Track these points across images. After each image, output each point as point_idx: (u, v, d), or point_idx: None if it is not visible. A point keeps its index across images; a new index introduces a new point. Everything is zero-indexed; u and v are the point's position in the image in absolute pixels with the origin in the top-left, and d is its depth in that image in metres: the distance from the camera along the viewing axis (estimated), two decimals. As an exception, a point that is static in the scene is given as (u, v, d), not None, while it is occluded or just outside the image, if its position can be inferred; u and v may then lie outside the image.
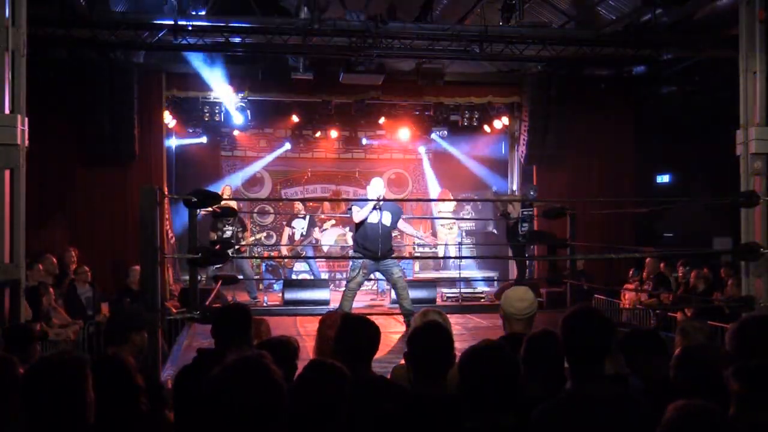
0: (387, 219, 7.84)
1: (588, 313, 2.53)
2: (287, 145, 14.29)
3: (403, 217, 8.35)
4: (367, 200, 8.05)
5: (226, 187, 11.84)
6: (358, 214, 7.86)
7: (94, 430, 2.20)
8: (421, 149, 14.85)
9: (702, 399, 2.41)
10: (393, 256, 8.29)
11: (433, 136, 13.55)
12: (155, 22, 9.07)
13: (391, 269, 7.89)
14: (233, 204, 9.20)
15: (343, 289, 8.19)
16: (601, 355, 2.45)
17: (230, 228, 10.63)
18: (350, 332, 3.12)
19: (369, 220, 7.80)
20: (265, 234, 13.79)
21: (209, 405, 1.84)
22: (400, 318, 7.99)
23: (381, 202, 7.79)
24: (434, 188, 14.66)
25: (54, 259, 8.29)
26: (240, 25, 9.23)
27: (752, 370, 1.98)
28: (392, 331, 8.09)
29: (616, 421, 2.30)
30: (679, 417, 1.70)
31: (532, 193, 9.54)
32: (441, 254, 12.88)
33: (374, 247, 7.69)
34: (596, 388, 2.39)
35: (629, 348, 3.34)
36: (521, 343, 3.02)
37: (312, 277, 11.56)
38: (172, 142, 12.38)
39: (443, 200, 12.76)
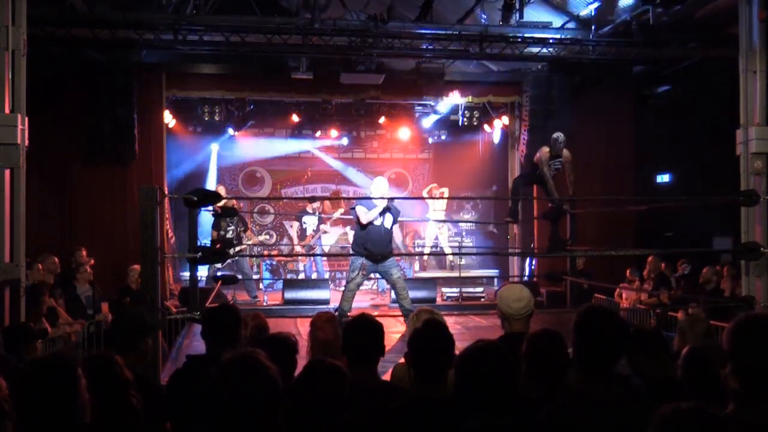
0: (388, 221, 7.81)
1: (603, 314, 2.50)
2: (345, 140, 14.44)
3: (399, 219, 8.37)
4: (368, 198, 7.99)
5: (220, 186, 11.85)
6: (366, 215, 7.69)
7: (87, 428, 2.20)
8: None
9: (707, 399, 2.41)
10: (392, 255, 8.17)
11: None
12: (155, 21, 9.07)
13: (390, 270, 7.87)
14: (231, 203, 9.25)
15: (343, 289, 8.16)
16: (615, 356, 2.43)
17: (232, 227, 10.66)
18: (354, 333, 3.09)
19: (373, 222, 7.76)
20: (267, 236, 13.80)
21: (206, 404, 1.85)
22: (401, 318, 7.99)
23: (389, 204, 7.70)
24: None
25: (56, 259, 8.28)
26: (240, 24, 9.23)
27: (750, 369, 1.98)
28: (392, 331, 8.09)
29: (626, 423, 2.28)
30: (671, 418, 1.69)
31: (560, 141, 8.65)
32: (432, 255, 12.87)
33: (376, 249, 7.65)
34: (607, 390, 2.37)
35: (631, 348, 3.32)
36: (520, 342, 3.01)
37: (315, 276, 11.59)
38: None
39: (443, 198, 12.75)
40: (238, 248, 10.64)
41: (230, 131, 13.54)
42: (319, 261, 11.84)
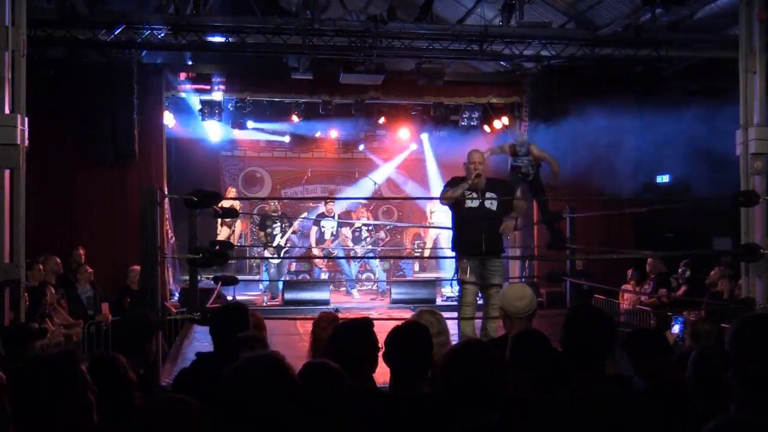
0: (493, 203, 5.85)
1: (590, 312, 2.51)
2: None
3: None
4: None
5: (231, 188, 11.88)
6: (446, 195, 5.91)
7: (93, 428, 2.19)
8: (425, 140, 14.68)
9: (713, 401, 2.40)
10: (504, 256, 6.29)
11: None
12: (155, 21, 9.08)
13: (493, 275, 5.85)
14: (237, 204, 9.25)
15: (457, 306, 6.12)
16: (604, 355, 2.43)
17: (277, 224, 10.74)
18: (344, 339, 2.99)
19: (467, 205, 5.85)
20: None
21: (225, 403, 1.84)
22: (401, 318, 7.92)
23: (483, 181, 5.87)
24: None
25: (58, 259, 8.28)
26: (240, 24, 9.23)
27: (752, 371, 1.98)
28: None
29: (618, 421, 2.29)
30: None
31: (518, 141, 7.85)
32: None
33: (475, 242, 5.78)
34: (598, 388, 2.37)
35: (633, 348, 3.32)
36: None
37: (345, 277, 11.69)
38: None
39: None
40: (285, 237, 10.89)
41: (230, 131, 13.52)
42: (344, 263, 11.83)
